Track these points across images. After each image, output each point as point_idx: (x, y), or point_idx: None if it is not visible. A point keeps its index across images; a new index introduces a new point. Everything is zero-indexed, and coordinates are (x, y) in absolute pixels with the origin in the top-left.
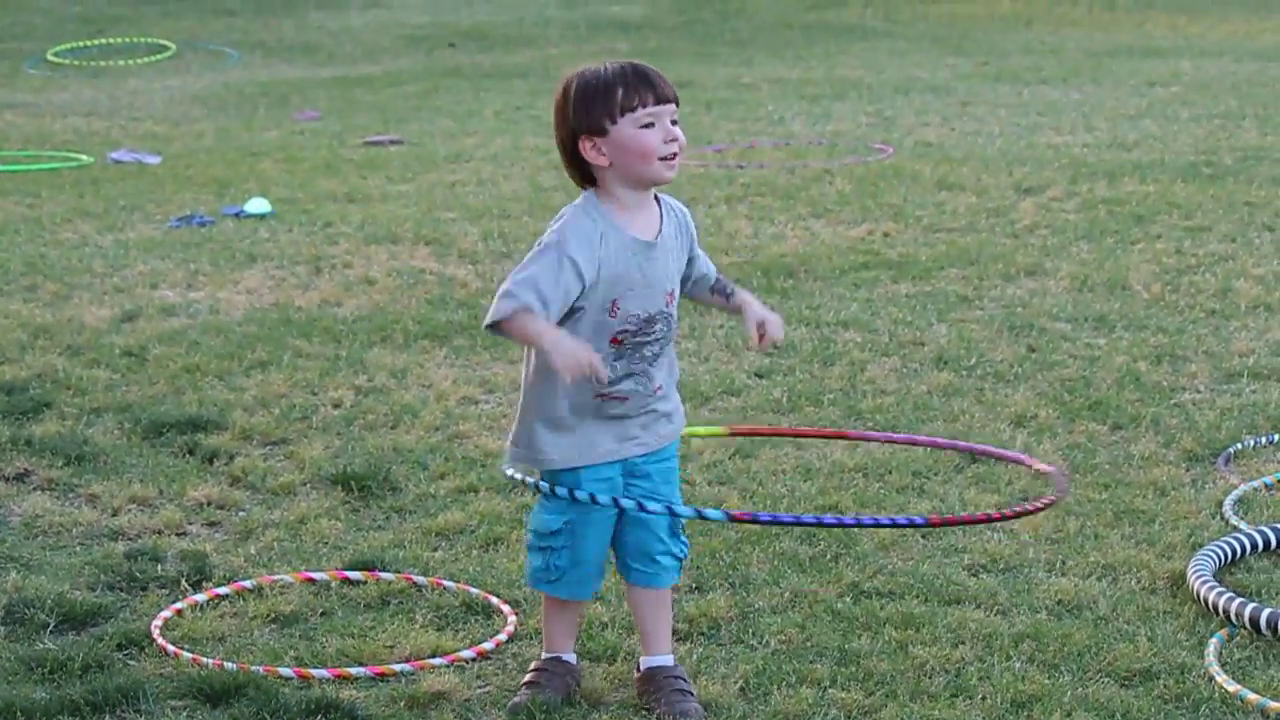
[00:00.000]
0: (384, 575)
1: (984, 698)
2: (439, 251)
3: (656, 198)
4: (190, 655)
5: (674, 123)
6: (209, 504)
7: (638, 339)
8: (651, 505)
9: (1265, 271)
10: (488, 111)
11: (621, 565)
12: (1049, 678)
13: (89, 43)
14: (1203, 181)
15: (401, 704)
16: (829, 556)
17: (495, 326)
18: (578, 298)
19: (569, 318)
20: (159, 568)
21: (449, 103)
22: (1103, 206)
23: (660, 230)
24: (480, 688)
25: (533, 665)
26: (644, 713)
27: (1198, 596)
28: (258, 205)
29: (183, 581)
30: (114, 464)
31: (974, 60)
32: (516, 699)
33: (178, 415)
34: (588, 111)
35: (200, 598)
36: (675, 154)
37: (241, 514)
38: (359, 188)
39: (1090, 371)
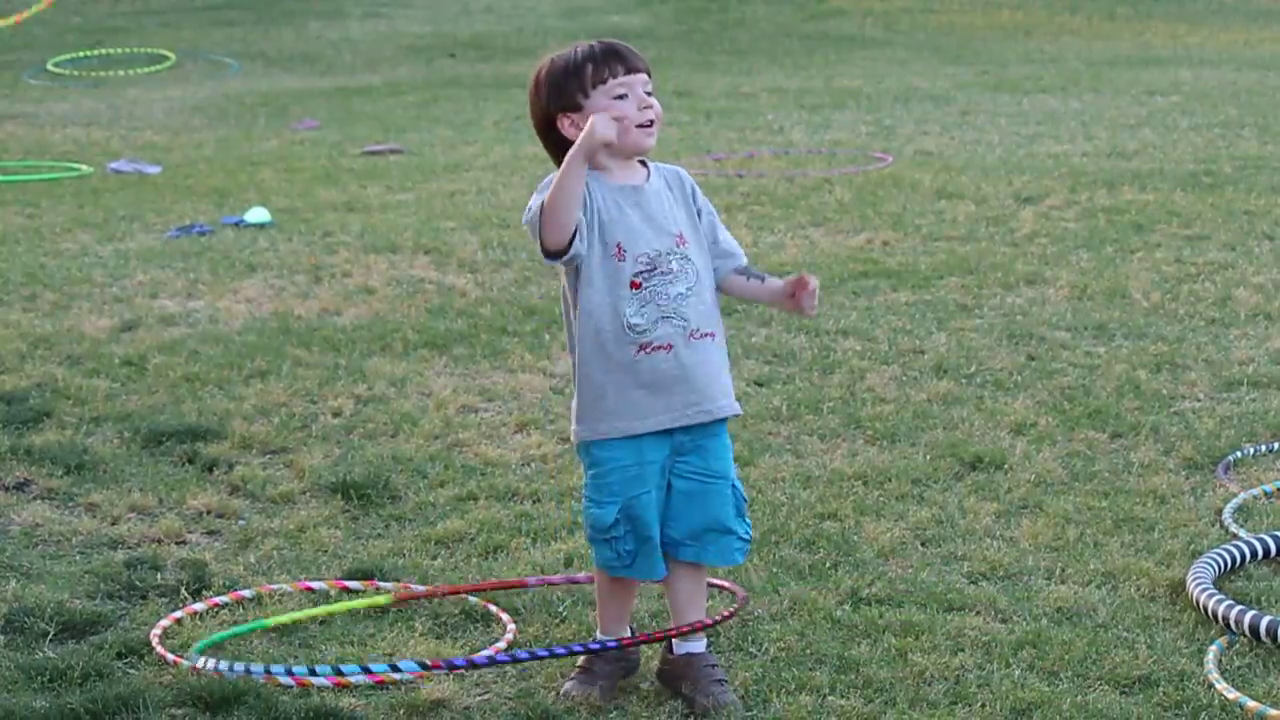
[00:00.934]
0: (383, 585)
1: (983, 705)
2: (438, 260)
3: (643, 162)
4: (189, 664)
5: (648, 93)
6: (208, 513)
7: (655, 278)
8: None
9: (1265, 280)
10: (487, 121)
11: (679, 546)
12: (1048, 685)
13: (89, 53)
14: (1202, 190)
15: (401, 712)
16: (828, 564)
17: (540, 217)
18: (582, 251)
19: (578, 277)
20: (158, 576)
21: (448, 112)
22: (1102, 215)
23: (647, 179)
24: (480, 695)
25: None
26: (675, 699)
27: (1197, 604)
28: (257, 215)
29: (182, 590)
30: (114, 473)
31: (973, 69)
32: (568, 686)
33: (177, 424)
34: (561, 91)
35: (200, 606)
36: (652, 121)
37: (241, 523)
38: (358, 197)
39: (1090, 380)
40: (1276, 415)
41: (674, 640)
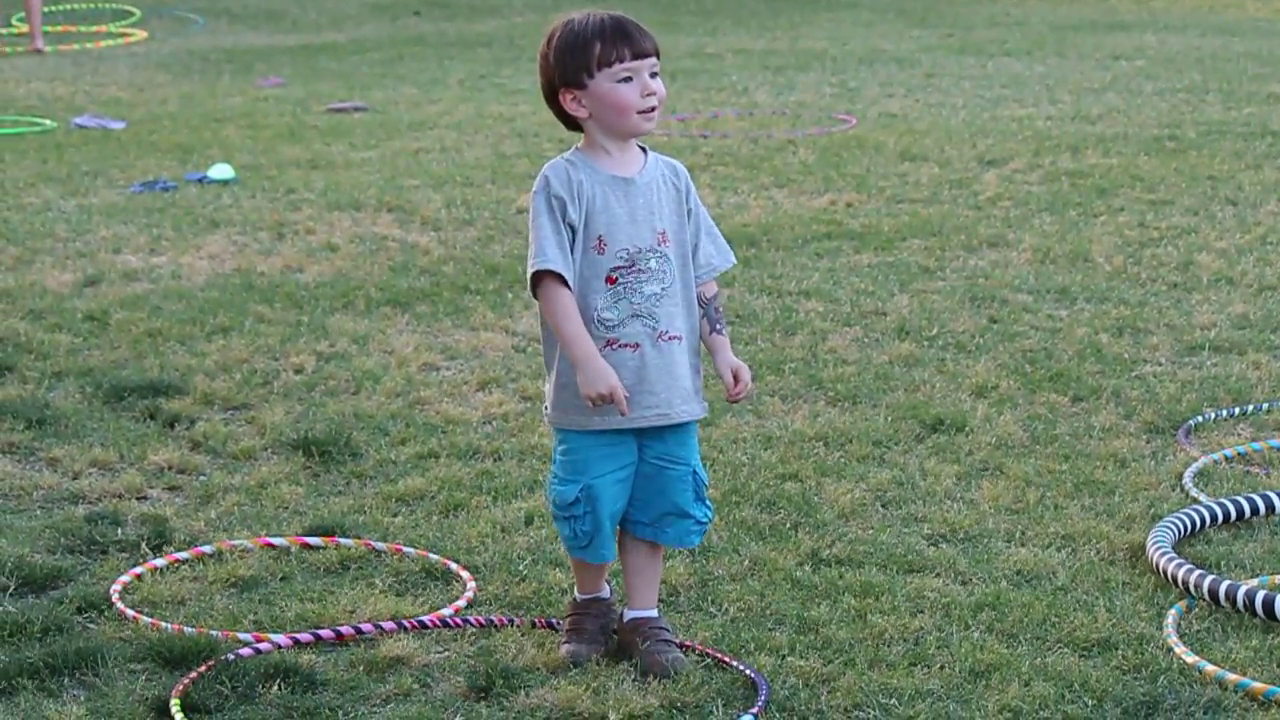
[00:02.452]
0: (343, 541)
1: (942, 666)
2: (402, 218)
3: (643, 148)
4: (149, 619)
5: (654, 75)
6: (169, 468)
7: (631, 275)
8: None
9: (1227, 245)
10: (452, 80)
11: (636, 524)
12: (1007, 647)
13: (53, 8)
14: (1166, 155)
15: (360, 668)
16: (788, 525)
17: (535, 296)
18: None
19: None
20: (119, 532)
21: (413, 70)
22: (1066, 179)
23: (641, 171)
24: (439, 653)
25: (570, 610)
26: (627, 661)
27: (1157, 568)
28: (221, 171)
29: (143, 545)
30: (75, 428)
31: (938, 32)
32: (572, 647)
33: (139, 380)
34: (565, 65)
35: (160, 562)
36: (654, 107)
37: (202, 479)
38: (322, 154)
39: (1051, 343)
40: (1238, 380)
41: (624, 608)
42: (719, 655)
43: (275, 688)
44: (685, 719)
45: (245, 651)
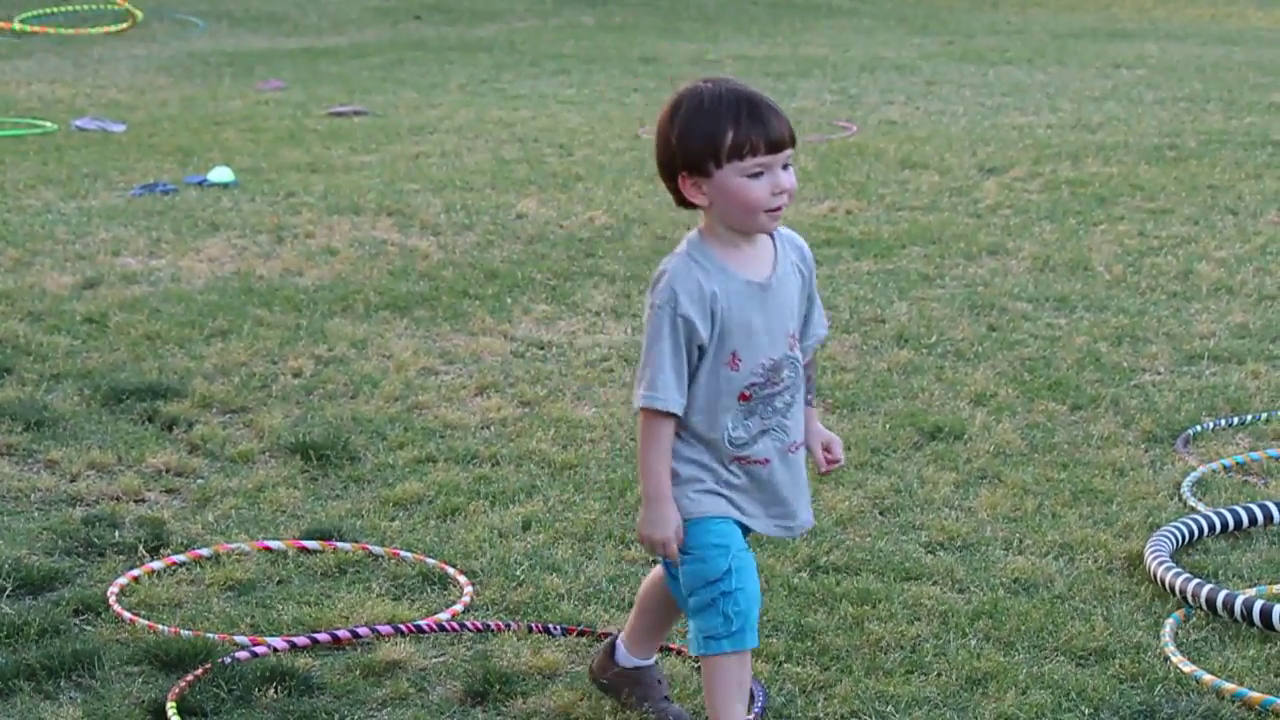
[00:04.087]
0: (341, 545)
1: (939, 674)
2: (401, 223)
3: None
4: (146, 622)
5: (786, 167)
6: (167, 471)
7: (767, 390)
8: None
9: (1227, 254)
10: (452, 84)
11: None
12: (1004, 655)
13: (55, 9)
14: (1166, 164)
15: (357, 672)
16: None
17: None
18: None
19: (690, 380)
20: (116, 534)
21: (414, 75)
22: (1066, 187)
23: (775, 268)
24: (436, 657)
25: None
26: (610, 693)
27: (1154, 577)
28: (221, 174)
29: (140, 548)
30: (73, 430)
31: (939, 40)
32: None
33: (138, 382)
34: (690, 149)
35: (157, 565)
36: (782, 206)
37: (200, 481)
38: (322, 158)
39: (1050, 351)
40: (1236, 390)
41: (623, 642)
42: None
43: (272, 691)
44: None
45: (242, 655)
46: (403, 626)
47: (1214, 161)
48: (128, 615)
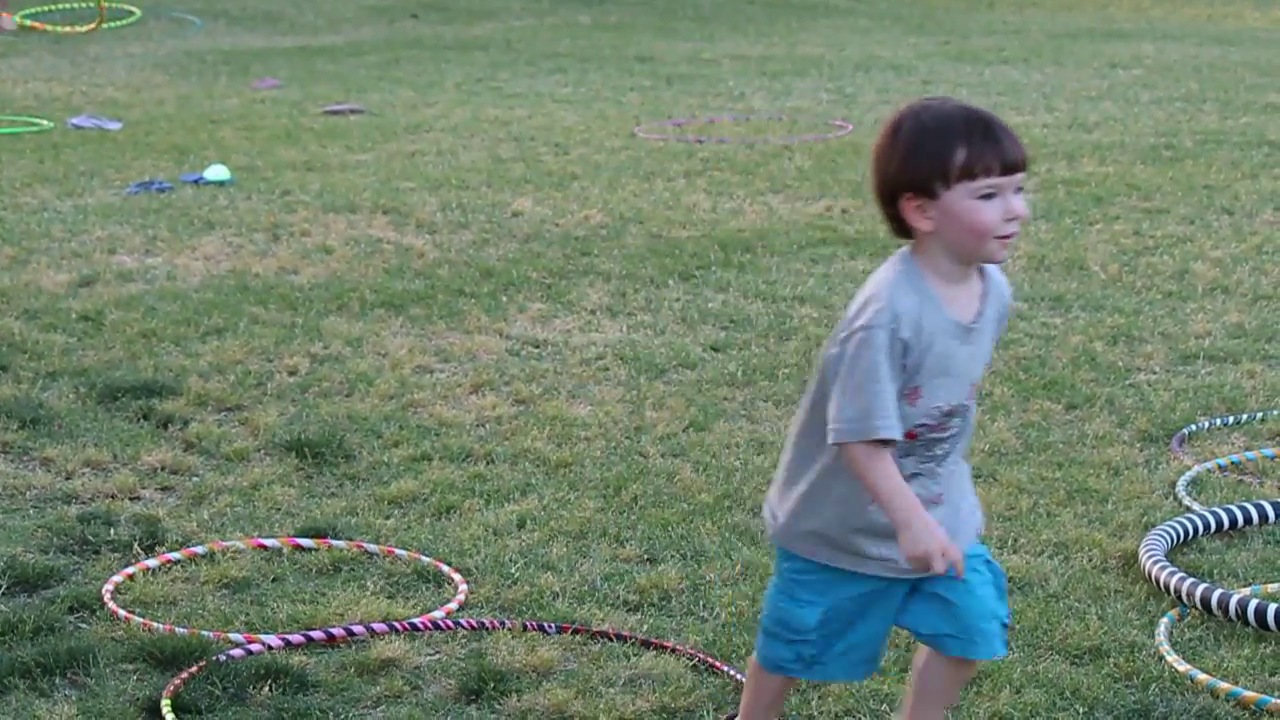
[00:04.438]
0: (336, 543)
1: None
2: (397, 221)
3: (980, 268)
4: (141, 619)
5: (1018, 190)
6: (163, 469)
7: (933, 434)
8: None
9: (1223, 254)
10: (448, 83)
11: (939, 639)
12: None
13: (53, 7)
14: (1162, 164)
15: (351, 670)
16: None
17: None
18: None
19: None
20: (112, 531)
21: (410, 73)
22: (1062, 187)
23: (981, 312)
24: (430, 655)
25: None
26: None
27: (1149, 576)
28: (217, 172)
29: (135, 545)
30: (69, 428)
31: (936, 39)
32: None
33: (133, 380)
34: (916, 168)
35: (152, 562)
36: (1013, 234)
37: (195, 479)
38: (318, 156)
39: (1046, 350)
40: (1232, 389)
41: None
42: (710, 660)
43: (266, 689)
44: None
45: (236, 652)
46: (397, 624)
47: (1210, 161)
48: (123, 613)
